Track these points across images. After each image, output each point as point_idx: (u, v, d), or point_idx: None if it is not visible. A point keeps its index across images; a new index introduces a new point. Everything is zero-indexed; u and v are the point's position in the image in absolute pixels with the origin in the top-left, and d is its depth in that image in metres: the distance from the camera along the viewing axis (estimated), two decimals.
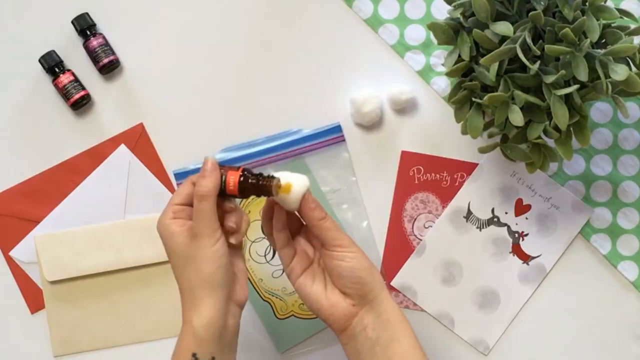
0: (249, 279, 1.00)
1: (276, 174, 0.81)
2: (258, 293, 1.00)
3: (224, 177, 0.80)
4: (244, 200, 1.00)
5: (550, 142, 0.89)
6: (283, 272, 0.99)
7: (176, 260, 0.79)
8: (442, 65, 0.97)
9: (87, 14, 1.02)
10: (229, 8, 1.03)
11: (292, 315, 1.00)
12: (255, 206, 1.00)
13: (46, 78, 1.02)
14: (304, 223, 0.85)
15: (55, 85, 1.01)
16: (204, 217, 0.78)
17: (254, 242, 1.01)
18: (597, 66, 0.81)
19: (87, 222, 1.01)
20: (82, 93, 1.01)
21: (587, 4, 0.84)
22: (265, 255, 1.01)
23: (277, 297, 1.00)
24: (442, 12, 1.00)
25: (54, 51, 1.01)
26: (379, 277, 0.83)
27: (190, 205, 0.80)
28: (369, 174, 1.01)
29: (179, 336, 0.79)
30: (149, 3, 1.03)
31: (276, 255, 0.98)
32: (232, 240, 0.81)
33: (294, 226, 0.86)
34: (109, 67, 1.01)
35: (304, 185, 0.81)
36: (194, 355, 0.77)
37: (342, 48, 1.02)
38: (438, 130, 1.01)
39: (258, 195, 0.80)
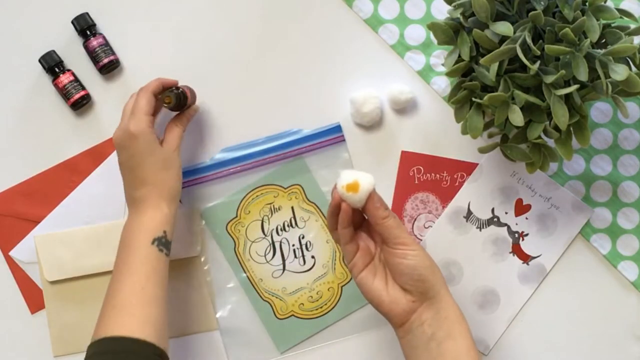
0: (250, 280, 1.00)
1: (343, 173, 0.83)
2: (258, 293, 1.00)
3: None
4: (244, 200, 1.00)
5: (550, 142, 0.89)
6: (283, 271, 0.99)
7: (151, 160, 0.90)
8: (442, 65, 0.97)
9: (87, 14, 1.02)
10: (229, 8, 1.03)
11: (292, 315, 1.00)
12: (255, 206, 1.00)
13: (46, 78, 1.02)
14: (367, 219, 0.86)
15: (55, 85, 1.01)
16: (180, 140, 0.95)
17: (253, 242, 1.01)
18: (597, 66, 0.81)
19: (87, 222, 1.01)
20: (82, 93, 1.01)
21: (587, 4, 0.84)
22: (265, 255, 1.01)
23: (277, 297, 1.00)
24: (442, 12, 1.00)
25: (54, 51, 1.01)
26: (440, 275, 0.85)
27: (155, 114, 0.95)
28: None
29: (144, 217, 0.90)
30: (149, 3, 1.03)
31: (277, 254, 0.98)
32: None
33: (356, 221, 0.87)
34: (109, 67, 1.01)
35: (371, 184, 0.83)
36: (164, 232, 0.90)
37: (342, 48, 1.02)
38: (438, 130, 1.01)
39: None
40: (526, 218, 1.00)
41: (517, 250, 1.00)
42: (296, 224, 1.01)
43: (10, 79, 1.03)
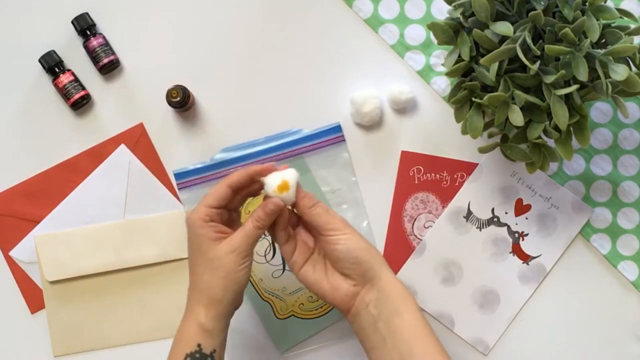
0: (250, 280, 1.00)
1: (267, 178, 0.85)
2: (258, 293, 1.00)
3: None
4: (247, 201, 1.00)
5: (550, 142, 0.89)
6: (283, 271, 0.99)
7: (199, 259, 0.83)
8: (442, 65, 0.97)
9: (87, 14, 1.02)
10: (229, 8, 1.03)
11: (292, 315, 1.00)
12: (254, 206, 1.00)
13: (46, 78, 1.02)
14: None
15: (55, 85, 1.01)
16: (250, 241, 0.83)
17: None
18: (597, 66, 0.81)
19: (87, 222, 1.01)
20: (82, 93, 1.01)
21: (587, 4, 0.84)
22: (265, 255, 1.00)
23: (277, 297, 1.00)
24: (442, 12, 1.00)
25: (54, 51, 1.01)
26: (378, 255, 0.86)
27: (223, 208, 0.85)
28: (369, 174, 1.01)
29: (182, 326, 0.83)
30: (149, 3, 1.03)
31: (277, 254, 0.98)
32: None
33: (292, 220, 0.88)
34: (109, 67, 1.01)
35: (296, 177, 0.85)
36: (198, 345, 0.82)
37: (342, 48, 1.02)
38: (438, 130, 1.01)
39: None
40: (526, 218, 1.00)
41: (517, 250, 1.00)
42: None
43: (10, 79, 1.03)
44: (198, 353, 0.82)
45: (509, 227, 1.00)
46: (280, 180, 0.84)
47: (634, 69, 0.84)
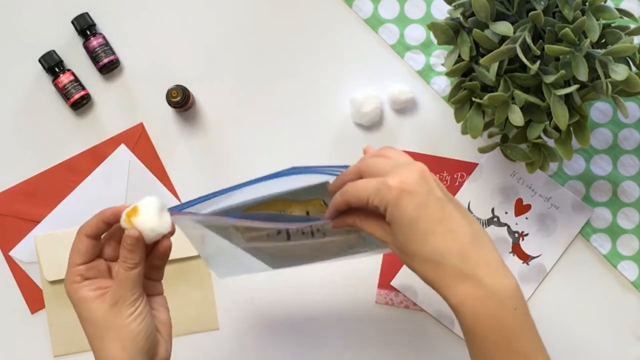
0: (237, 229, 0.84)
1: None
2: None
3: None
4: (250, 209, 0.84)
5: (550, 142, 0.89)
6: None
7: (92, 330, 0.73)
8: (442, 65, 0.97)
9: (87, 14, 1.02)
10: (228, 8, 1.03)
11: None
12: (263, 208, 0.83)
13: (46, 78, 1.02)
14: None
15: (55, 85, 1.01)
16: (129, 284, 0.72)
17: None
18: (597, 66, 0.81)
19: None
20: (82, 93, 1.01)
21: (587, 3, 0.84)
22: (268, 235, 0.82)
23: None
24: (442, 12, 1.00)
25: (54, 51, 1.01)
26: None
27: (93, 260, 0.75)
28: None
29: None
30: (149, 3, 1.03)
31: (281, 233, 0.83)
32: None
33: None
34: (109, 67, 1.01)
35: (152, 200, 0.75)
36: None
37: (342, 48, 1.02)
38: (438, 130, 1.01)
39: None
40: (526, 218, 1.00)
41: (517, 250, 1.00)
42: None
43: (10, 79, 1.03)
44: None
45: (509, 227, 1.00)
46: (129, 208, 0.74)
47: (634, 68, 0.84)
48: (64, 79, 1.01)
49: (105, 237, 0.77)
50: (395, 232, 0.69)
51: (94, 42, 1.01)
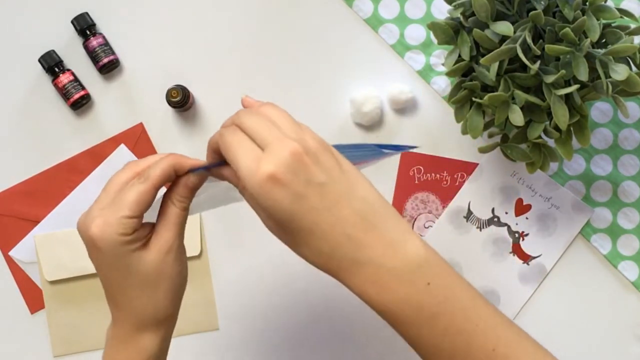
0: None
1: None
2: None
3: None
4: None
5: (551, 142, 0.89)
6: None
7: (129, 281, 0.65)
8: (442, 65, 0.97)
9: (87, 13, 1.02)
10: (228, 8, 1.03)
11: None
12: None
13: (46, 78, 1.02)
14: None
15: (55, 85, 1.01)
16: (181, 229, 0.66)
17: None
18: (598, 66, 0.81)
19: None
20: (82, 93, 1.01)
21: (587, 3, 0.83)
22: None
23: None
24: (442, 11, 1.00)
25: (53, 51, 1.01)
26: None
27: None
28: (369, 174, 1.01)
29: (118, 351, 0.68)
30: (149, 3, 1.03)
31: None
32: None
33: None
34: (108, 67, 1.01)
35: None
36: None
37: (342, 48, 1.02)
38: (438, 130, 1.01)
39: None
40: (526, 218, 1.00)
41: (517, 250, 1.00)
42: None
43: (10, 79, 1.03)
44: None
45: (509, 227, 1.00)
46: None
47: (634, 68, 0.84)
48: (64, 78, 1.00)
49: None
50: (273, 224, 0.61)
51: (94, 42, 1.01)
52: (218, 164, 0.66)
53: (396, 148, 0.75)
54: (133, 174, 0.67)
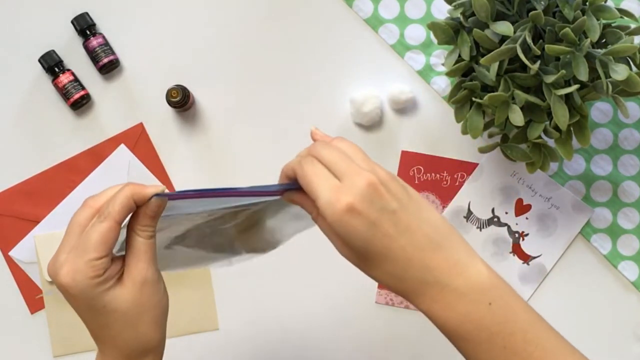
0: None
1: None
2: None
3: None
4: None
5: (551, 142, 0.89)
6: None
7: (120, 321, 0.65)
8: (442, 65, 0.97)
9: (87, 13, 1.02)
10: (228, 8, 1.03)
11: None
12: None
13: (46, 78, 1.02)
14: None
15: (55, 85, 1.01)
16: (151, 256, 0.65)
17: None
18: (598, 66, 0.81)
19: None
20: (82, 93, 1.01)
21: (587, 3, 0.84)
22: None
23: None
24: (442, 11, 1.00)
25: (53, 51, 1.01)
26: None
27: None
28: None
29: None
30: (149, 3, 1.03)
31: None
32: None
33: None
34: (108, 67, 1.01)
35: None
36: None
37: (342, 48, 1.02)
38: (438, 130, 1.01)
39: None
40: (526, 218, 1.00)
41: (517, 250, 1.00)
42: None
43: (10, 79, 1.03)
44: None
45: (509, 227, 1.00)
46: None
47: (634, 68, 0.84)
48: (64, 78, 1.00)
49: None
50: (348, 251, 0.64)
51: (94, 42, 1.01)
52: (286, 186, 0.68)
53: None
54: (93, 211, 0.65)
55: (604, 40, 0.85)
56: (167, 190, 0.66)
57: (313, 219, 0.66)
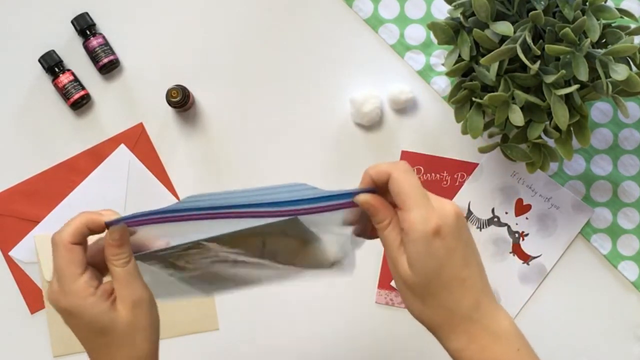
0: None
1: None
2: None
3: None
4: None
5: (551, 142, 0.89)
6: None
7: (118, 341, 0.68)
8: (442, 65, 0.97)
9: (87, 13, 1.02)
10: (228, 8, 1.03)
11: None
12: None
13: (46, 78, 1.02)
14: None
15: (55, 85, 1.01)
16: (134, 280, 0.68)
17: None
18: (598, 66, 0.81)
19: None
20: (82, 93, 1.01)
21: (587, 3, 0.83)
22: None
23: None
24: (442, 11, 1.00)
25: (53, 51, 1.01)
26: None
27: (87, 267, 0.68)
28: None
29: None
30: (149, 3, 1.03)
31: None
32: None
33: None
34: (108, 67, 1.01)
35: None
36: None
37: (342, 48, 1.02)
38: (438, 130, 1.01)
39: None
40: (526, 218, 1.00)
41: (517, 250, 1.00)
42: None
43: (10, 79, 1.03)
44: None
45: (509, 227, 1.00)
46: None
47: (634, 68, 0.84)
48: (64, 78, 1.00)
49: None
50: (410, 272, 0.65)
51: (94, 42, 1.01)
52: (345, 193, 0.67)
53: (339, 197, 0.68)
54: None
55: (604, 40, 0.85)
56: (120, 216, 0.69)
57: (379, 227, 0.66)
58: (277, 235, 0.71)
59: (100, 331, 0.68)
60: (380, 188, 0.67)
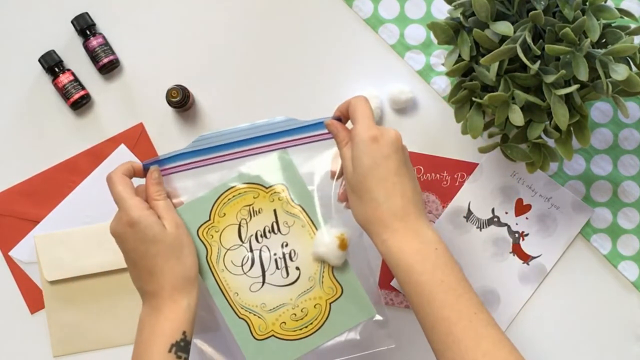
0: (223, 294, 0.88)
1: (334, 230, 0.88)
2: (233, 309, 0.87)
3: None
4: (218, 200, 0.89)
5: (551, 142, 0.89)
6: (263, 284, 0.88)
7: (157, 248, 0.82)
8: (442, 65, 0.97)
9: (87, 13, 1.02)
10: (228, 8, 1.03)
11: (273, 335, 0.87)
12: (231, 208, 0.88)
13: (46, 78, 1.02)
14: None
15: (55, 85, 1.01)
16: (173, 210, 0.86)
17: (229, 250, 0.88)
18: (598, 66, 0.81)
19: (87, 222, 1.01)
20: (82, 93, 1.01)
21: (587, 3, 0.83)
22: (242, 266, 0.88)
23: (255, 314, 0.87)
24: (442, 11, 1.00)
25: (53, 51, 1.01)
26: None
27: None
28: None
29: (152, 322, 0.81)
30: (149, 3, 1.03)
31: (255, 265, 0.88)
32: None
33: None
34: (108, 67, 1.01)
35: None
36: (184, 333, 0.81)
37: (342, 48, 1.02)
38: (438, 130, 1.01)
39: None
40: (526, 218, 1.00)
41: (517, 250, 1.00)
42: (279, 229, 0.88)
43: (10, 79, 1.03)
44: (183, 341, 0.81)
45: (509, 227, 1.00)
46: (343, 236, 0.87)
47: (634, 68, 0.84)
48: (64, 78, 1.01)
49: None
50: (353, 172, 0.80)
51: (94, 42, 1.01)
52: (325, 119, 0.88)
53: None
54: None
55: (604, 40, 0.85)
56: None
57: (340, 146, 0.85)
58: None
59: (153, 239, 0.81)
60: (346, 118, 0.87)
